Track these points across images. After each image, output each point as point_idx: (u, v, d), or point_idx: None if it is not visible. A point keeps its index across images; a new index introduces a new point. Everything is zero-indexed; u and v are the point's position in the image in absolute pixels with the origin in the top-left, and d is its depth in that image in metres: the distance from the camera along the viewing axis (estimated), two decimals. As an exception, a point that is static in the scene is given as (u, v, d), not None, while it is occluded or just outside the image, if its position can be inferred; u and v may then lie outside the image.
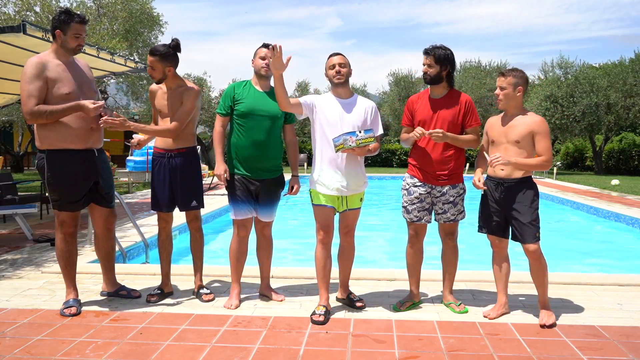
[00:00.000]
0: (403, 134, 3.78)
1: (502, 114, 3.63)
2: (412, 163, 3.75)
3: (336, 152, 3.46)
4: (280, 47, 3.26)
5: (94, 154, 3.69)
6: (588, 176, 19.12)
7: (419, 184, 3.68)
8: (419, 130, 3.52)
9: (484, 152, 3.73)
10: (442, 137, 3.50)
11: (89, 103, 3.45)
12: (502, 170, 3.51)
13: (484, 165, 3.70)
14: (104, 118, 3.54)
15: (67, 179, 3.58)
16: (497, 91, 3.53)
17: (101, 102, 3.50)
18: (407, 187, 3.75)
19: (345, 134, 3.42)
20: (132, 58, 7.81)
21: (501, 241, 3.64)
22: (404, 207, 3.77)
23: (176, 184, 3.90)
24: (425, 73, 3.62)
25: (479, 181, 3.54)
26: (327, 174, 3.55)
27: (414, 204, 3.69)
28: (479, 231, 3.73)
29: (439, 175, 3.62)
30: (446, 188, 3.65)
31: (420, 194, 3.67)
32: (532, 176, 3.59)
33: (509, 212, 3.51)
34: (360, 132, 3.43)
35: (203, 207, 4.04)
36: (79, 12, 3.67)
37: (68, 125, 3.51)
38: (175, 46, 3.78)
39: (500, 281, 3.68)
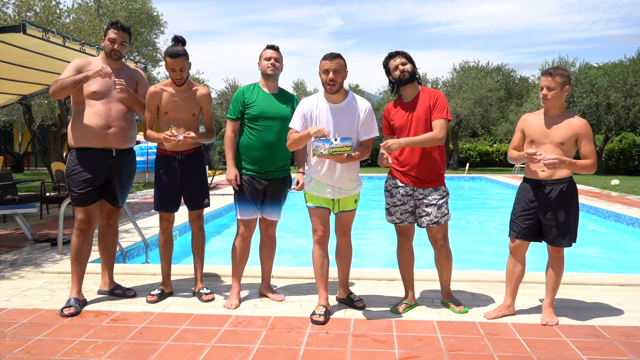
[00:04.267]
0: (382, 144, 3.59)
1: (539, 112, 3.52)
2: (394, 167, 3.68)
3: (312, 156, 3.44)
4: None
5: (111, 154, 3.76)
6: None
7: (401, 184, 3.64)
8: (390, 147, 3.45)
9: (528, 150, 3.34)
10: (395, 146, 3.44)
11: (92, 72, 3.57)
12: (543, 171, 3.39)
13: (521, 162, 3.54)
14: (118, 83, 3.61)
15: (78, 175, 3.71)
16: (545, 91, 3.36)
17: (100, 68, 3.54)
18: (389, 188, 3.70)
19: (319, 141, 3.31)
20: (131, 58, 7.84)
21: (523, 243, 3.54)
22: (386, 209, 3.73)
23: (187, 184, 3.92)
24: (402, 71, 3.57)
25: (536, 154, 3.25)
26: (317, 178, 3.55)
27: (396, 205, 3.66)
28: (509, 236, 3.59)
29: (421, 178, 3.58)
30: (428, 191, 3.60)
31: (402, 195, 3.63)
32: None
33: (548, 214, 3.39)
34: (336, 139, 3.31)
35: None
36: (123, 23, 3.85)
37: (87, 125, 3.68)
38: (182, 41, 3.80)
39: (510, 283, 3.61)
